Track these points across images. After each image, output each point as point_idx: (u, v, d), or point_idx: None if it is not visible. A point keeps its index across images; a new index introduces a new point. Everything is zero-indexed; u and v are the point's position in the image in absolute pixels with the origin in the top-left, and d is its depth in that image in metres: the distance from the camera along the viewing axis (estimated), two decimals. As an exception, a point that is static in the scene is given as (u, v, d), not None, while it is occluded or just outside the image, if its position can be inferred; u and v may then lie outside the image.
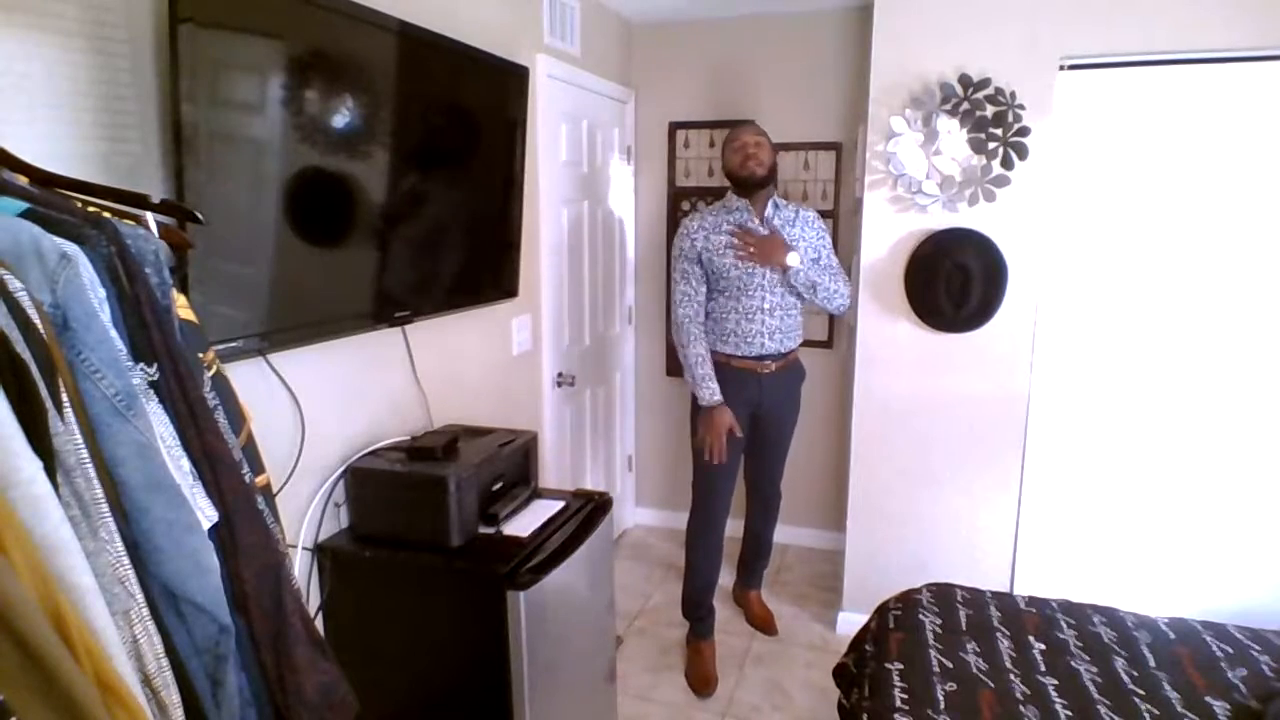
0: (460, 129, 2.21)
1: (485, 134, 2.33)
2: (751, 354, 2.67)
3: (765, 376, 2.70)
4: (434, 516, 1.77)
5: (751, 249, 2.59)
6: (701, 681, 2.68)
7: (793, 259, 2.60)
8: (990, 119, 2.59)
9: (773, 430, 2.85)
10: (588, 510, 2.06)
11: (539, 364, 2.90)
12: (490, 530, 1.87)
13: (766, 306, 2.64)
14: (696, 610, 2.83)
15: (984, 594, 2.17)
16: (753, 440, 2.84)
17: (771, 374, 2.71)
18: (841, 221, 3.48)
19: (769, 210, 2.67)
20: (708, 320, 2.71)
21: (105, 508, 0.82)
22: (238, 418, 1.12)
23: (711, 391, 2.62)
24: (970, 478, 2.85)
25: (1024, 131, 2.58)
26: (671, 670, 2.79)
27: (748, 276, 2.61)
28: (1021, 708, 1.67)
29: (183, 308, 1.08)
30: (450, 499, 1.76)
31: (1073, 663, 1.84)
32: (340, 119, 1.73)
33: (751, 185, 2.61)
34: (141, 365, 0.93)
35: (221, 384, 1.10)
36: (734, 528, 3.15)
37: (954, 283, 2.68)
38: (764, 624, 3.06)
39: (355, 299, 1.87)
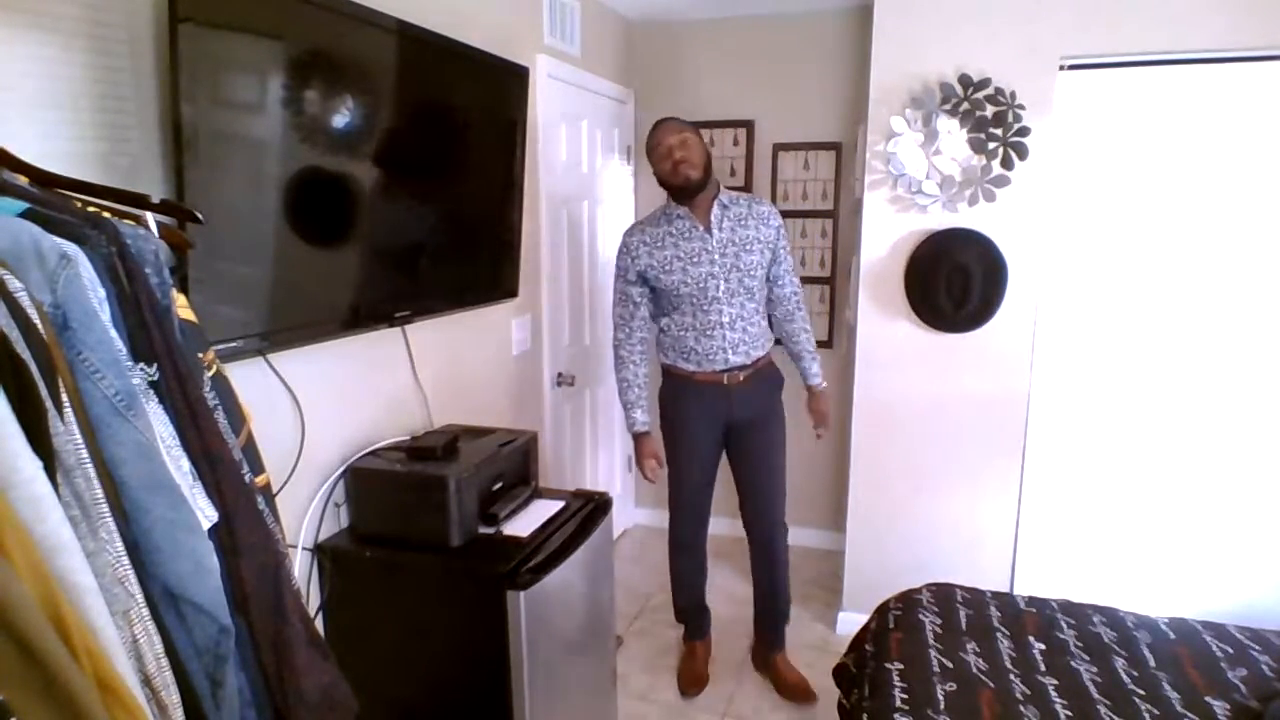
0: (460, 129, 2.21)
1: (485, 134, 2.33)
2: (715, 369, 2.45)
3: (735, 388, 2.48)
4: (434, 516, 1.77)
5: (823, 426, 2.66)
6: (689, 681, 2.67)
7: (823, 385, 2.65)
8: (990, 119, 2.59)
9: (753, 446, 2.57)
10: (588, 510, 2.06)
11: (539, 364, 2.90)
12: (490, 530, 1.87)
13: (725, 320, 2.41)
14: (685, 615, 2.81)
15: (984, 594, 2.17)
16: (734, 461, 2.61)
17: (741, 384, 2.48)
18: (841, 221, 3.48)
19: (715, 213, 2.40)
20: (665, 337, 2.52)
21: (105, 508, 0.82)
22: (238, 418, 1.12)
23: (633, 421, 2.52)
24: (970, 478, 2.85)
25: (1024, 131, 2.58)
26: (671, 671, 2.79)
27: (700, 292, 2.38)
28: (1021, 708, 1.66)
29: (183, 308, 1.07)
30: (450, 499, 1.76)
31: (1073, 663, 1.84)
32: (340, 119, 1.73)
33: (690, 192, 2.36)
34: (141, 365, 0.92)
35: (221, 384, 1.10)
36: (734, 527, 3.16)
37: (954, 283, 2.68)
38: (798, 692, 2.60)
39: (355, 299, 1.87)
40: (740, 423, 2.54)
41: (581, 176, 3.19)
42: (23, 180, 0.98)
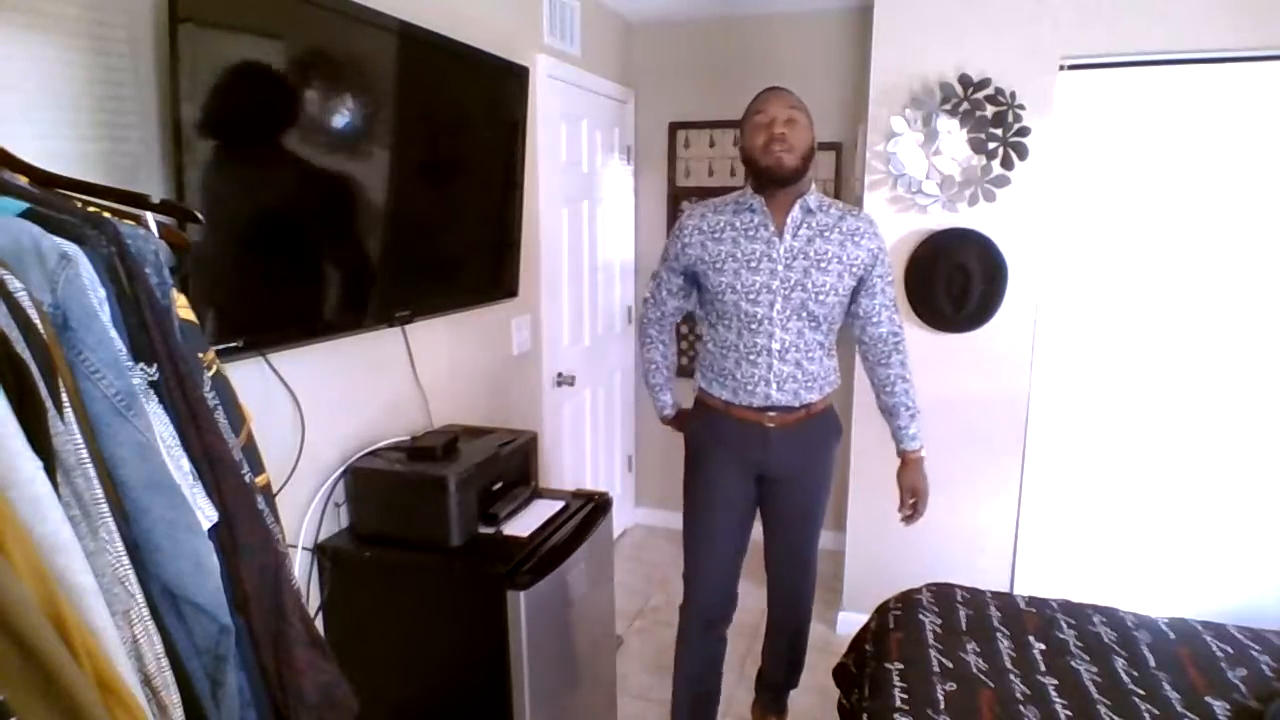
0: (460, 129, 2.21)
1: (485, 134, 2.33)
2: (754, 404, 2.00)
3: (773, 431, 2.01)
4: (434, 516, 1.77)
5: (913, 509, 2.17)
6: None
7: (922, 450, 2.15)
8: (990, 119, 2.59)
9: (790, 503, 2.14)
10: (588, 510, 2.06)
11: (539, 364, 2.90)
12: (490, 530, 1.87)
13: (776, 347, 1.94)
14: None
15: (984, 594, 2.17)
16: (766, 516, 2.20)
17: (783, 429, 2.02)
18: (841, 221, 3.47)
19: (794, 214, 1.93)
20: (703, 353, 2.12)
21: (105, 508, 0.82)
22: (238, 418, 1.12)
23: (662, 404, 2.26)
24: (970, 478, 2.85)
25: (1024, 131, 2.58)
26: (671, 671, 2.78)
27: (750, 305, 1.93)
28: (1022, 708, 1.66)
29: (183, 308, 1.07)
30: (450, 499, 1.76)
31: (1073, 663, 1.84)
32: (339, 119, 1.73)
33: (776, 181, 1.91)
34: (141, 365, 0.92)
35: (221, 384, 1.10)
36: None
37: (954, 283, 2.68)
38: None
39: (355, 299, 1.87)
40: (776, 478, 2.09)
41: (581, 176, 3.19)
42: (23, 180, 0.98)
